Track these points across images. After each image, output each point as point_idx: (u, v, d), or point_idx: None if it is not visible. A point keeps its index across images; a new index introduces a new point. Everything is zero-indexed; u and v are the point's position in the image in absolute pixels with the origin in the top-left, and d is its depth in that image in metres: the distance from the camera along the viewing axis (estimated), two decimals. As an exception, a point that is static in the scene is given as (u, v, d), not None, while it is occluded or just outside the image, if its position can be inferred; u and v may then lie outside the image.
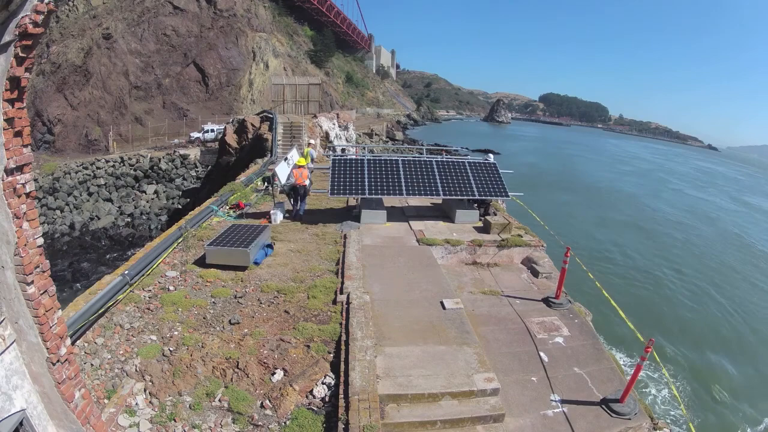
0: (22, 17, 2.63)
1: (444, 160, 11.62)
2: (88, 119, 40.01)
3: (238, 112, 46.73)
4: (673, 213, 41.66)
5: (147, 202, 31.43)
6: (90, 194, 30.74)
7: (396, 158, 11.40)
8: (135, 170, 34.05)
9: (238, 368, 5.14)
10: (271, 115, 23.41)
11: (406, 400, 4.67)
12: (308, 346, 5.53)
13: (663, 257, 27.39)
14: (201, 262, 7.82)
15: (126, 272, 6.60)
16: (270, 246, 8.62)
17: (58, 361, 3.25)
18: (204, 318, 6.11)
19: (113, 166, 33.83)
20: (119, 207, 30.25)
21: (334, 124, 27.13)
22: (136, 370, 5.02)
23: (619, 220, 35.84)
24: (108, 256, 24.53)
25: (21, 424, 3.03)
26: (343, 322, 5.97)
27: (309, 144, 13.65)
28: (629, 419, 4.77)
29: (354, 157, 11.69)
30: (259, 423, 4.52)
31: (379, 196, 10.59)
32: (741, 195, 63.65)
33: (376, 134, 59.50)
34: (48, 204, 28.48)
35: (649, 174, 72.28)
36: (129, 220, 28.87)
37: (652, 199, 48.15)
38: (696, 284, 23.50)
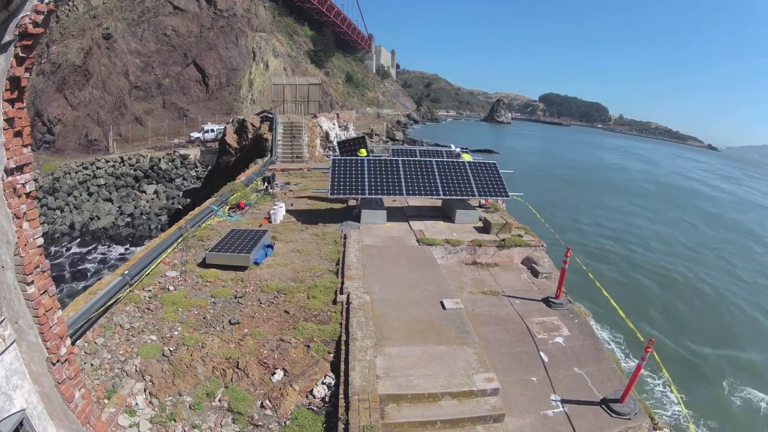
0: (22, 17, 2.62)
1: (444, 160, 11.62)
2: (88, 119, 40.02)
3: (238, 112, 46.73)
4: (674, 212, 41.66)
5: (147, 202, 31.43)
6: (90, 194, 30.75)
7: (396, 158, 11.40)
8: (135, 170, 34.05)
9: (238, 368, 5.14)
10: (271, 115, 23.40)
11: (406, 400, 4.67)
12: (308, 346, 5.52)
13: (664, 257, 27.39)
14: (201, 262, 7.83)
15: (126, 272, 6.60)
16: (270, 246, 8.62)
17: (58, 361, 3.25)
18: (204, 318, 6.11)
19: (113, 166, 33.84)
20: (119, 207, 30.25)
21: (334, 124, 27.11)
22: (136, 370, 5.01)
23: (620, 221, 35.84)
24: (108, 256, 24.55)
25: (21, 424, 3.03)
26: (343, 322, 5.96)
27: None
28: (629, 419, 4.77)
29: (354, 157, 11.70)
30: (259, 423, 4.52)
31: (379, 196, 10.60)
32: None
33: (376, 134, 59.50)
34: (48, 204, 28.47)
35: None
36: (129, 220, 28.87)
37: (655, 198, 48.16)
38: (697, 283, 23.50)
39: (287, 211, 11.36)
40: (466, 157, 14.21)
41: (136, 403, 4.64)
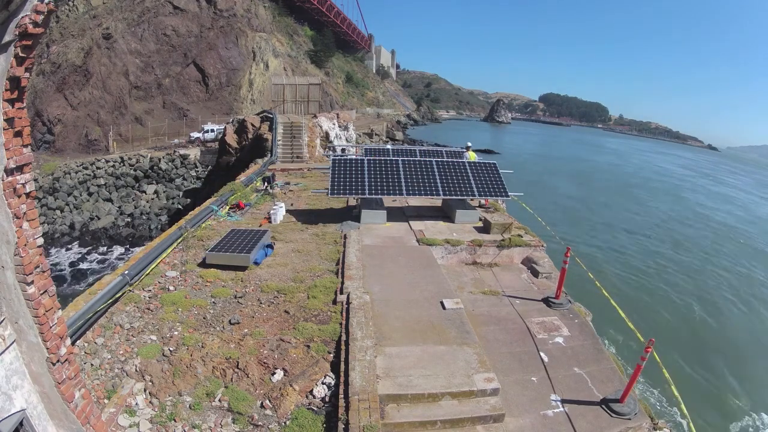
0: (22, 17, 2.62)
1: (444, 160, 11.62)
2: (88, 119, 40.01)
3: (238, 112, 46.75)
4: (675, 212, 41.65)
5: (147, 202, 31.42)
6: (90, 194, 30.74)
7: (396, 158, 11.41)
8: (135, 170, 34.04)
9: (238, 368, 5.14)
10: (271, 115, 23.40)
11: (406, 400, 4.67)
12: (308, 346, 5.52)
13: (664, 257, 27.38)
14: (201, 262, 7.83)
15: (126, 272, 6.60)
16: (270, 246, 8.62)
17: (58, 361, 3.25)
18: (204, 318, 6.11)
19: (113, 166, 33.83)
20: (119, 207, 30.24)
21: (334, 124, 27.11)
22: (136, 370, 5.02)
23: (620, 220, 35.83)
24: (108, 256, 24.54)
25: (21, 424, 3.03)
26: (343, 322, 5.97)
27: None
28: (629, 419, 4.77)
29: (354, 157, 11.69)
30: (259, 423, 4.52)
31: (379, 196, 10.60)
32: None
33: (376, 134, 59.54)
34: (48, 204, 28.47)
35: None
36: (129, 220, 28.85)
37: (654, 198, 48.16)
38: (697, 284, 23.49)
39: (287, 211, 11.36)
40: (472, 156, 14.14)
41: (136, 403, 4.64)
